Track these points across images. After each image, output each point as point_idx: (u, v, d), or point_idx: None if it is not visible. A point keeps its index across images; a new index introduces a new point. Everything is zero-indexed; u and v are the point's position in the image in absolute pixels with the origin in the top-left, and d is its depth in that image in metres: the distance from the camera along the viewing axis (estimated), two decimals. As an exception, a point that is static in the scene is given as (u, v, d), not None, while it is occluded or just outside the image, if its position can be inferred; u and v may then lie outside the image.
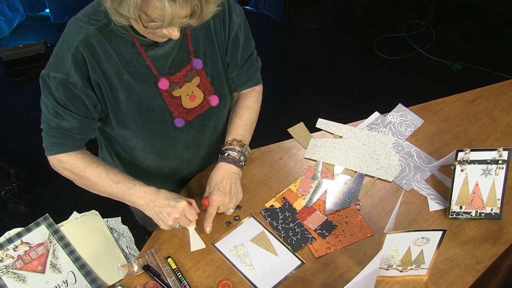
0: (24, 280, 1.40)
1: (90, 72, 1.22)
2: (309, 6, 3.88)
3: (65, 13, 3.63)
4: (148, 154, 1.44)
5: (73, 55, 1.19)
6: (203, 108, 1.38)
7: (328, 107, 3.15)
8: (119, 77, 1.25)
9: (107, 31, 1.20)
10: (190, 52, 1.30)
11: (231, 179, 1.38)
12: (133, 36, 1.22)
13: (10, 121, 3.07)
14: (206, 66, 1.35)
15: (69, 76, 1.21)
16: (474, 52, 3.45)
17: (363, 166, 1.57)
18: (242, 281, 1.32)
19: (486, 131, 1.66)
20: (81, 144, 1.36)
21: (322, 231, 1.42)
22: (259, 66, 1.52)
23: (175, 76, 1.30)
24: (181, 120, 1.36)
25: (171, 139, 1.40)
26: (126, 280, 1.32)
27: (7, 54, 3.35)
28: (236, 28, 1.36)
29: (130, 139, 1.38)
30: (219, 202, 1.36)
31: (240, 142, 1.43)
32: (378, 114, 1.72)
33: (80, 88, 1.23)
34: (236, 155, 1.40)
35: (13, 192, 2.66)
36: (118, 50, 1.23)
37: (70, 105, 1.25)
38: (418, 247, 1.24)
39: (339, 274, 1.33)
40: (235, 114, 1.48)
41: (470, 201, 1.42)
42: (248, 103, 1.50)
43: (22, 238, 1.46)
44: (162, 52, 1.27)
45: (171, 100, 1.32)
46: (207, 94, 1.37)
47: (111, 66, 1.23)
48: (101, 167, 1.34)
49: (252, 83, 1.51)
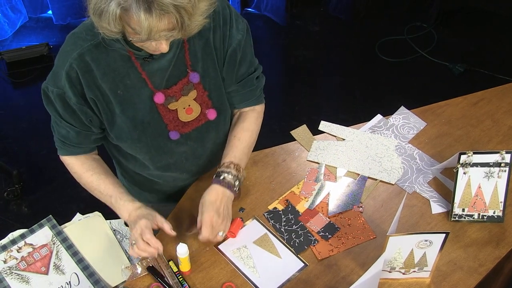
0: (27, 281, 1.40)
1: (84, 89, 1.23)
2: (311, 8, 3.88)
3: (67, 14, 3.64)
4: (149, 165, 1.43)
5: (66, 73, 1.20)
6: (200, 122, 1.36)
7: (330, 110, 3.16)
8: (114, 92, 1.25)
9: (103, 46, 1.20)
10: (187, 66, 1.28)
11: (224, 202, 1.35)
12: (129, 50, 1.21)
13: (12, 123, 3.07)
14: (204, 80, 1.32)
15: (65, 91, 1.23)
16: (476, 55, 3.45)
17: (365, 169, 1.57)
18: (245, 283, 1.32)
19: (489, 133, 1.67)
20: (83, 151, 1.38)
21: (325, 233, 1.42)
22: (260, 86, 1.46)
23: (171, 89, 1.29)
24: (176, 133, 1.34)
25: (168, 151, 1.39)
26: (129, 282, 1.32)
27: (10, 56, 3.36)
28: (234, 44, 1.31)
29: (129, 150, 1.39)
30: (213, 223, 1.32)
31: (237, 166, 1.38)
32: (381, 117, 1.73)
33: (74, 103, 1.25)
34: (231, 179, 1.36)
35: (16, 193, 2.67)
36: (114, 64, 1.22)
37: (68, 117, 1.28)
38: (421, 250, 1.24)
39: (342, 276, 1.33)
40: (233, 135, 1.44)
41: (473, 204, 1.42)
42: (247, 124, 1.45)
43: (25, 239, 1.47)
44: (159, 66, 1.25)
45: (167, 114, 1.31)
46: (205, 108, 1.35)
47: (106, 82, 1.23)
48: (95, 176, 1.37)
49: (249, 103, 1.46)
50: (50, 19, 3.71)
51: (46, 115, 1.32)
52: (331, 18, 3.82)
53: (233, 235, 1.40)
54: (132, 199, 1.35)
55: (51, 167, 2.82)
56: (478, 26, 3.68)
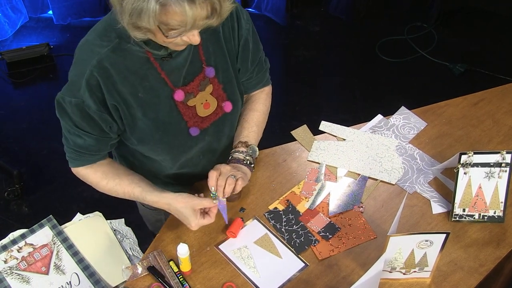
0: (28, 281, 1.40)
1: (106, 95, 1.22)
2: (311, 8, 3.88)
3: (68, 14, 3.64)
4: (168, 165, 1.44)
5: (87, 81, 1.19)
6: (217, 115, 1.39)
7: (330, 110, 3.16)
8: (135, 95, 1.25)
9: (120, 50, 1.19)
10: (202, 61, 1.30)
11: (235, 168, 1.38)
12: (147, 51, 1.21)
13: (13, 123, 3.07)
14: (218, 74, 1.34)
15: (84, 100, 1.21)
16: (476, 55, 3.45)
17: (366, 169, 1.57)
18: (245, 283, 1.32)
19: (489, 134, 1.67)
20: (98, 158, 1.36)
21: (325, 233, 1.42)
22: (268, 67, 1.52)
23: (189, 86, 1.30)
24: (196, 129, 1.35)
25: (188, 149, 1.40)
26: (130, 282, 1.32)
27: (10, 56, 3.36)
28: (245, 34, 1.36)
29: (150, 153, 1.38)
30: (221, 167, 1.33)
31: (244, 143, 1.43)
32: (381, 117, 1.73)
33: (94, 112, 1.22)
34: (240, 155, 1.41)
35: (16, 193, 2.67)
36: (132, 67, 1.22)
37: (86, 126, 1.26)
38: (422, 250, 1.24)
39: (343, 276, 1.33)
40: (242, 117, 1.49)
41: (473, 204, 1.42)
42: (255, 105, 1.51)
43: (26, 239, 1.47)
44: (176, 64, 1.26)
45: (186, 111, 1.32)
46: (221, 101, 1.37)
47: (126, 86, 1.23)
48: (110, 183, 1.36)
49: (261, 85, 1.52)
50: (50, 19, 3.71)
51: (46, 115, 1.32)
52: (331, 18, 3.82)
53: (234, 235, 1.40)
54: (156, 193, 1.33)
55: (52, 167, 2.82)
56: (479, 26, 3.68)
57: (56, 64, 3.43)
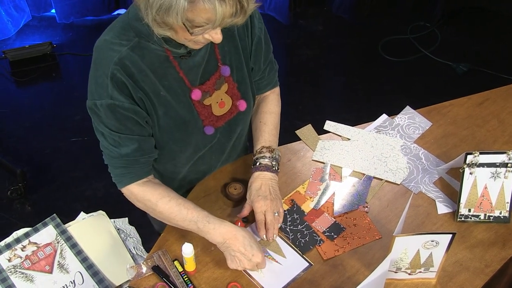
0: (32, 280, 1.40)
1: (131, 90, 1.20)
2: (314, 7, 3.87)
3: (70, 13, 3.63)
4: (182, 163, 1.43)
5: (111, 78, 1.17)
6: (232, 114, 1.39)
7: (333, 109, 3.15)
8: (157, 94, 1.24)
9: (139, 49, 1.19)
10: (218, 60, 1.30)
11: (269, 184, 1.39)
12: (167, 50, 1.21)
13: (16, 122, 3.07)
14: (233, 72, 1.34)
15: (114, 100, 1.19)
16: (480, 54, 3.45)
17: (371, 169, 1.56)
18: (250, 283, 1.31)
19: (494, 134, 1.66)
20: (147, 168, 1.33)
21: (330, 233, 1.41)
22: (277, 68, 1.52)
23: (206, 85, 1.30)
24: (211, 128, 1.35)
25: (202, 147, 1.40)
26: (134, 281, 1.32)
27: (13, 55, 3.36)
28: (258, 32, 1.36)
29: (164, 152, 1.37)
30: (263, 207, 1.36)
31: (269, 148, 1.44)
32: (386, 117, 1.72)
33: (128, 108, 1.21)
34: (268, 162, 1.42)
35: (19, 192, 2.66)
36: (152, 66, 1.21)
37: (124, 128, 1.23)
38: (427, 250, 1.24)
39: (348, 276, 1.33)
40: (259, 120, 1.49)
41: (479, 204, 1.42)
42: (270, 107, 1.51)
43: (30, 238, 1.46)
44: (194, 62, 1.26)
45: (202, 110, 1.32)
46: (235, 100, 1.37)
47: (148, 84, 1.22)
48: (173, 201, 1.31)
49: (271, 86, 1.52)
50: (53, 18, 3.71)
51: (49, 114, 1.31)
52: (334, 18, 3.82)
53: None
54: (220, 220, 1.31)
55: (55, 166, 2.82)
56: (482, 25, 3.68)
57: (58, 63, 3.43)
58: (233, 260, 1.29)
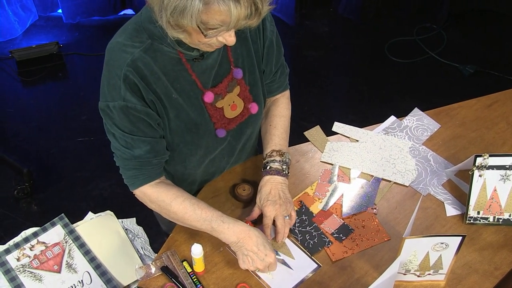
0: (40, 280, 1.40)
1: (143, 93, 1.20)
2: (320, 8, 3.88)
3: (77, 13, 3.65)
4: (192, 165, 1.43)
5: (124, 80, 1.17)
6: (243, 117, 1.39)
7: (339, 110, 3.15)
8: (168, 96, 1.24)
9: (152, 51, 1.18)
10: (230, 62, 1.30)
11: (278, 189, 1.39)
12: (179, 52, 1.20)
13: (22, 121, 3.08)
14: (245, 75, 1.34)
15: (126, 101, 1.18)
16: (486, 56, 3.44)
17: (379, 170, 1.56)
18: (258, 284, 1.31)
19: (503, 136, 1.65)
20: (159, 169, 1.33)
21: (339, 235, 1.41)
22: (288, 71, 1.52)
23: (218, 87, 1.30)
24: (222, 131, 1.35)
25: (213, 150, 1.40)
26: (143, 282, 1.32)
27: (20, 54, 3.37)
28: (270, 35, 1.36)
29: (175, 155, 1.37)
30: (272, 212, 1.36)
31: (279, 152, 1.43)
32: (394, 118, 1.72)
33: (140, 110, 1.20)
34: (278, 166, 1.41)
35: (26, 191, 2.67)
36: (164, 69, 1.21)
37: (136, 130, 1.23)
38: (437, 252, 1.24)
39: (356, 278, 1.32)
40: (269, 123, 1.48)
41: (488, 207, 1.41)
42: (280, 110, 1.50)
43: (38, 237, 1.47)
44: (207, 65, 1.26)
45: (214, 112, 1.32)
46: (247, 102, 1.37)
47: (160, 87, 1.22)
48: (187, 201, 1.30)
49: (282, 89, 1.51)
50: (60, 18, 3.72)
51: (55, 113, 1.31)
52: (340, 19, 3.81)
53: None
54: (234, 219, 1.31)
55: (61, 165, 2.83)
56: (488, 27, 3.67)
57: (65, 63, 3.44)
58: (245, 260, 1.28)
